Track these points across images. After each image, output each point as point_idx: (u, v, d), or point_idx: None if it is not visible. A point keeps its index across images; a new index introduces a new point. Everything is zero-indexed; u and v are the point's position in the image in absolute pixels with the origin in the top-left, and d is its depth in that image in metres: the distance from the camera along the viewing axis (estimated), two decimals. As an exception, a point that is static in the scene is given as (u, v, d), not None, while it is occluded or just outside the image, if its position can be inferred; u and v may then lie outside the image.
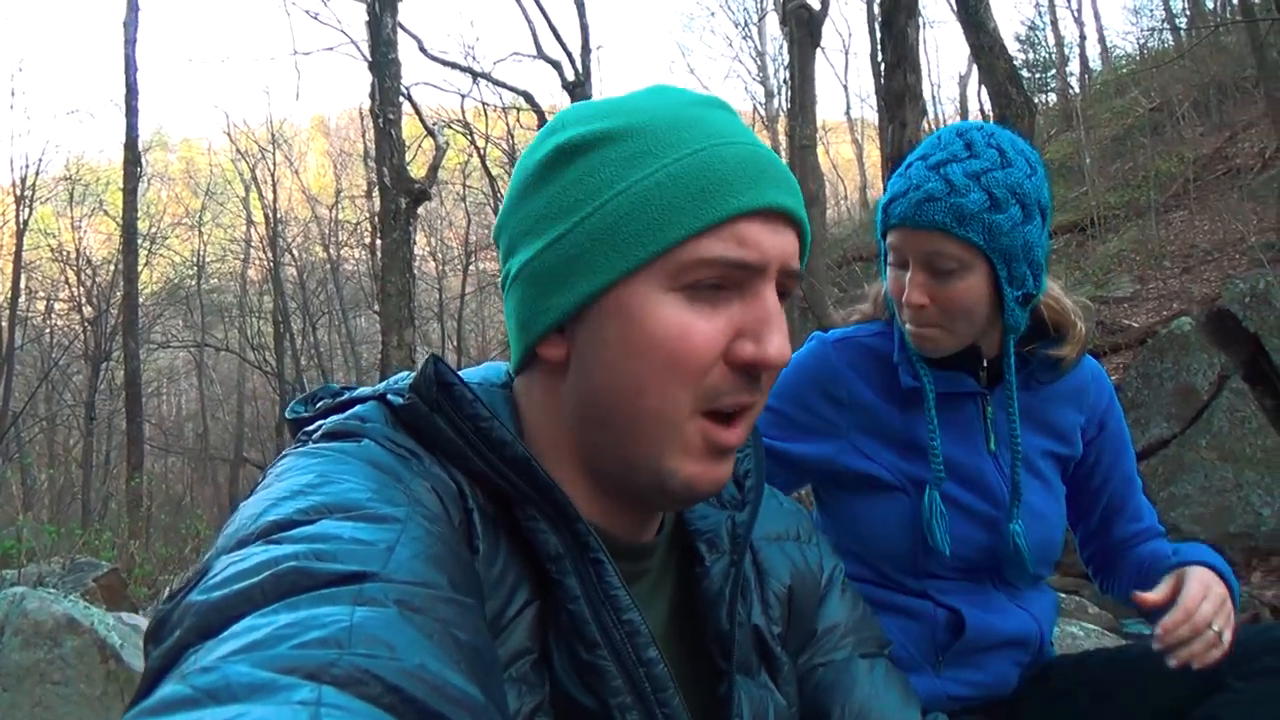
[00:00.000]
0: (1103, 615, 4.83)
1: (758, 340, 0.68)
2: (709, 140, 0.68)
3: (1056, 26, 22.21)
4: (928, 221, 1.22)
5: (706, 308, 0.67)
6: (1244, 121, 12.79)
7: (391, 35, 9.55)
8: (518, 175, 0.75)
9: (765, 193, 0.67)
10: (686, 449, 0.69)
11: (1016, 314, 1.27)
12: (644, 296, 0.67)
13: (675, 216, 0.66)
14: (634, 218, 0.67)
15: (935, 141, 1.30)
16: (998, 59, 5.27)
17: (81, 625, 2.88)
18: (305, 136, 30.53)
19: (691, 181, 0.66)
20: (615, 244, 0.67)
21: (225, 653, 0.42)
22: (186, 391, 27.35)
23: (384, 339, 9.30)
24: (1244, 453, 5.37)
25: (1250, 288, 5.66)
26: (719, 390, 0.68)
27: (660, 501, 0.73)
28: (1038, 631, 1.37)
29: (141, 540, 9.12)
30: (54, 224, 19.68)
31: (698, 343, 0.67)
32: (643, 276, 0.67)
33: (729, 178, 0.67)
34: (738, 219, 0.66)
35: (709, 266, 0.66)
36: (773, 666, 0.82)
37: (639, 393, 0.68)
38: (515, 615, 0.66)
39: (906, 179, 1.27)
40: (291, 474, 0.61)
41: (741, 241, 0.67)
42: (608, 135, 0.70)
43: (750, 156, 0.68)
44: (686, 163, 0.67)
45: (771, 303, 0.69)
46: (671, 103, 0.72)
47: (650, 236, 0.66)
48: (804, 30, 9.59)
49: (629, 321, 0.67)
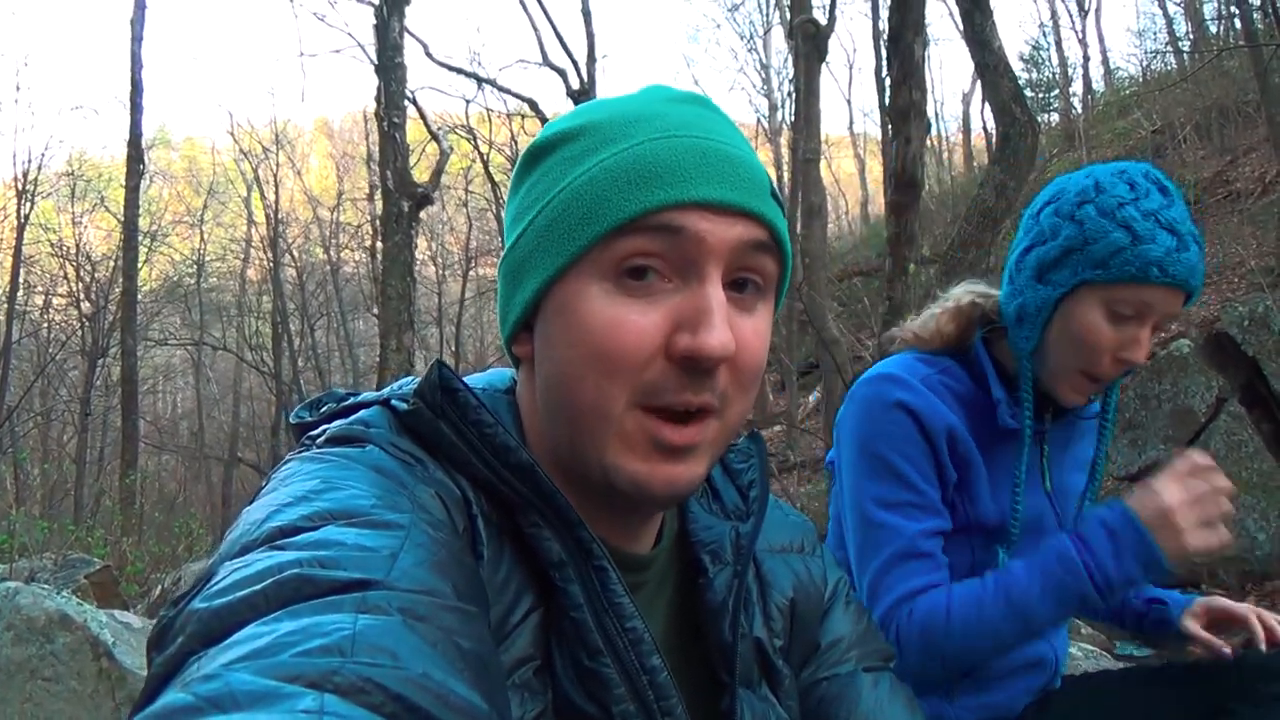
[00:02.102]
0: (1096, 636, 4.83)
1: (694, 331, 0.65)
2: (654, 134, 0.68)
3: (1060, 47, 22.36)
4: (1193, 285, 1.19)
5: (641, 300, 0.66)
6: (1245, 146, 12.84)
7: (398, 39, 9.58)
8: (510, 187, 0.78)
9: (700, 186, 0.65)
10: (628, 445, 0.67)
11: None
12: (580, 289, 0.67)
13: (603, 209, 0.66)
14: (569, 212, 0.67)
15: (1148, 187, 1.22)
16: (1002, 77, 5.28)
17: (74, 622, 2.87)
18: (309, 138, 30.62)
19: (622, 174, 0.66)
20: (554, 239, 0.68)
21: (228, 660, 0.42)
22: (183, 390, 27.31)
23: (382, 342, 9.30)
24: (1240, 476, 5.37)
25: (1249, 311, 5.67)
26: (659, 386, 0.66)
27: (621, 501, 0.71)
28: (1054, 659, 1.36)
29: (134, 538, 9.11)
30: (55, 219, 19.68)
31: (629, 335, 0.65)
32: (578, 270, 0.67)
33: (660, 170, 0.65)
34: (669, 210, 0.65)
35: (645, 257, 0.66)
36: (774, 680, 0.82)
37: (575, 386, 0.67)
38: (519, 622, 0.65)
39: (1173, 234, 1.18)
40: (295, 479, 0.61)
41: (672, 231, 0.65)
42: (567, 134, 0.71)
43: (694, 149, 0.67)
44: (622, 156, 0.67)
45: (712, 294, 0.66)
46: (646, 100, 0.72)
47: (581, 230, 0.66)
48: (810, 45, 9.62)
49: (567, 314, 0.67)
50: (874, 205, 24.37)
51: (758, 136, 24.40)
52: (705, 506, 0.83)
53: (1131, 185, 1.21)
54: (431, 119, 13.45)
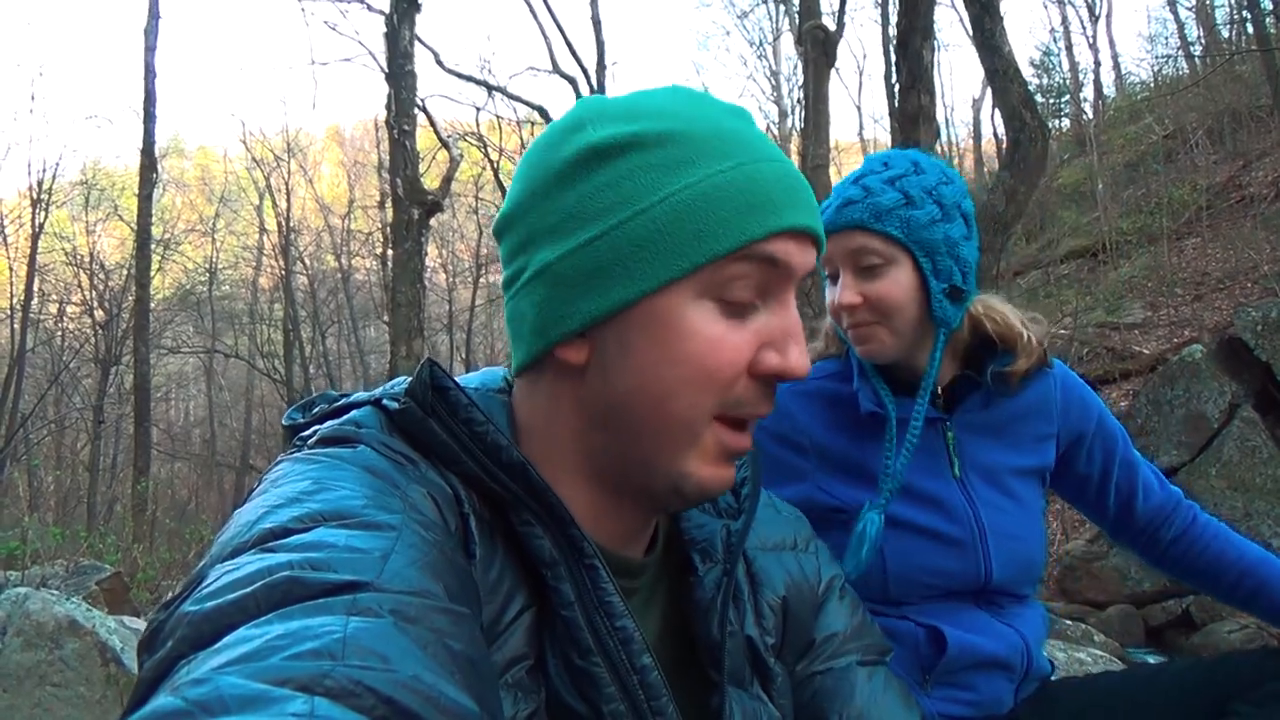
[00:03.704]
0: (1108, 644, 4.80)
1: (782, 352, 0.69)
2: (749, 155, 0.69)
3: (1071, 52, 22.31)
4: (846, 221, 1.29)
5: (736, 320, 0.68)
6: (1258, 150, 12.78)
7: (408, 48, 9.63)
8: (534, 170, 0.72)
9: (801, 213, 0.69)
10: (703, 453, 0.70)
11: (946, 307, 1.29)
12: (679, 305, 0.67)
13: (721, 229, 0.66)
14: (680, 226, 0.66)
15: (859, 166, 1.38)
16: (1012, 83, 5.27)
17: (83, 627, 2.88)
18: (320, 146, 30.80)
19: (738, 195, 0.67)
20: (659, 252, 0.66)
21: (218, 664, 0.41)
22: (195, 397, 27.46)
23: (393, 349, 9.33)
24: (1254, 482, 5.33)
25: (1262, 316, 5.64)
26: (741, 400, 0.70)
27: (671, 502, 0.74)
28: (1023, 649, 1.35)
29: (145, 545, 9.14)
30: (69, 228, 19.84)
31: (728, 354, 0.68)
32: (680, 285, 0.67)
33: (772, 195, 0.68)
34: (775, 236, 0.67)
35: (746, 281, 0.68)
36: (766, 678, 0.82)
37: (667, 399, 0.68)
38: (511, 621, 0.65)
39: (831, 194, 1.34)
40: (287, 480, 0.61)
41: (777, 259, 0.68)
42: (643, 139, 0.68)
43: (785, 175, 0.70)
44: (731, 175, 0.67)
45: (795, 315, 0.70)
46: (702, 110, 0.72)
47: (695, 247, 0.66)
48: (819, 51, 9.62)
49: (663, 329, 0.67)
50: (884, 211, 24.27)
51: (767, 143, 24.36)
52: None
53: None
54: (442, 126, 13.51)
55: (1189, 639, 5.20)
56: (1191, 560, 1.46)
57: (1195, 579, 1.49)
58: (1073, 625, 4.91)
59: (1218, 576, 1.45)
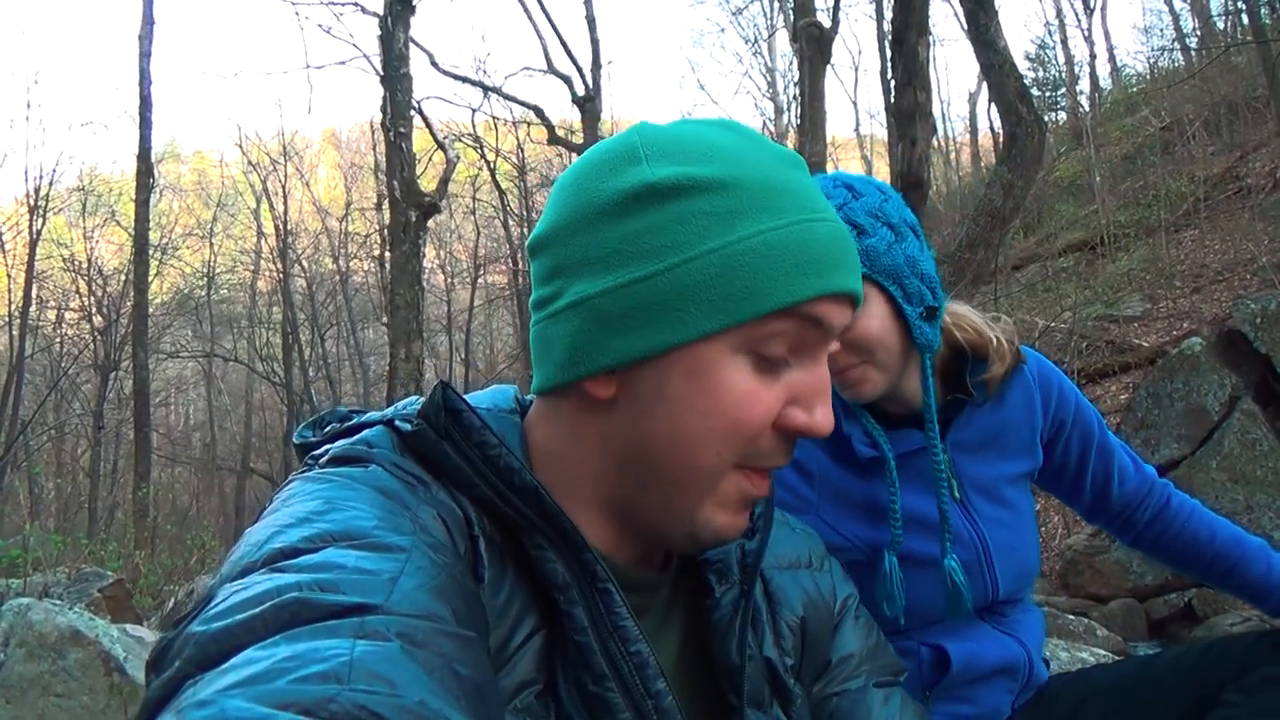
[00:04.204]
0: (1111, 638, 4.80)
1: (810, 410, 0.69)
2: (803, 213, 0.68)
3: (1066, 45, 22.32)
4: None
5: (769, 375, 0.68)
6: (1255, 141, 12.77)
7: (403, 49, 9.62)
8: (581, 195, 0.70)
9: (848, 277, 0.69)
10: (723, 502, 0.71)
11: (925, 331, 1.24)
12: (717, 357, 0.67)
13: (770, 287, 0.65)
14: (728, 280, 0.65)
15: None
16: (1008, 77, 5.27)
17: (86, 637, 2.88)
18: (316, 149, 30.72)
19: (788, 254, 0.66)
20: (704, 302, 0.65)
21: (223, 686, 0.41)
22: (195, 402, 27.43)
23: (392, 351, 9.32)
24: (1255, 475, 5.33)
25: (1261, 308, 5.63)
26: (763, 453, 0.70)
27: (684, 546, 0.74)
28: (1025, 657, 1.34)
29: (147, 550, 9.14)
30: (66, 234, 19.84)
31: (759, 411, 0.68)
32: (721, 337, 0.66)
33: (822, 257, 0.67)
34: (820, 301, 0.67)
35: (784, 339, 0.68)
36: (785, 699, 0.81)
37: (693, 448, 0.68)
38: (520, 645, 0.65)
39: None
40: (298, 500, 0.61)
41: (819, 320, 0.68)
42: (701, 183, 0.67)
43: (838, 236, 0.69)
44: (785, 234, 0.66)
45: (826, 373, 0.70)
46: (761, 157, 0.70)
47: (743, 303, 0.65)
48: (814, 47, 9.61)
49: (698, 379, 0.67)
50: (881, 207, 24.24)
51: (764, 140, 24.34)
52: None
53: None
54: (438, 128, 13.49)
55: (1191, 632, 5.19)
56: (1167, 542, 1.47)
57: (1170, 560, 1.49)
58: (1075, 620, 4.91)
59: (1192, 557, 1.45)
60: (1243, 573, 1.40)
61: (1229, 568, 1.41)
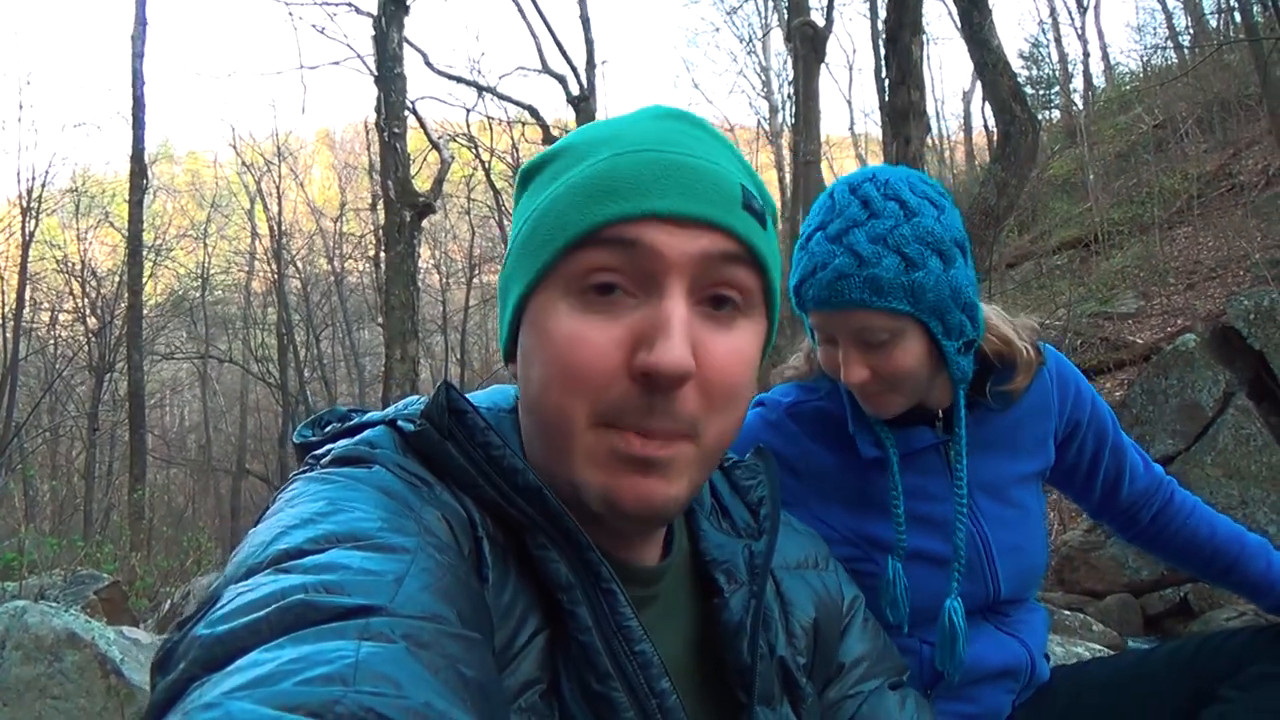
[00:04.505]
0: (1106, 633, 4.81)
1: (650, 347, 0.63)
2: (617, 150, 0.68)
3: (1060, 43, 22.32)
4: (845, 301, 1.15)
5: (603, 316, 0.65)
6: (1247, 139, 12.81)
7: (397, 50, 9.60)
8: None
9: (656, 198, 0.65)
10: (593, 460, 0.67)
11: (961, 364, 1.21)
12: (545, 305, 0.68)
13: (563, 224, 0.66)
14: (538, 230, 0.68)
15: (829, 206, 1.21)
16: (1001, 76, 5.28)
17: (82, 640, 2.88)
18: (311, 149, 30.68)
19: (581, 190, 0.67)
20: (526, 257, 0.69)
21: (229, 688, 0.41)
22: (190, 403, 27.37)
23: (387, 351, 9.31)
24: (1249, 469, 5.35)
25: (1255, 304, 5.66)
26: (620, 408, 0.65)
27: (600, 516, 0.68)
28: (1028, 659, 1.34)
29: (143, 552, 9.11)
30: (59, 236, 19.75)
31: (587, 350, 0.65)
32: (547, 287, 0.68)
33: (617, 184, 0.65)
34: (623, 223, 0.64)
35: (607, 272, 0.65)
36: (796, 698, 0.81)
37: (546, 403, 0.68)
38: (524, 645, 0.65)
39: (811, 256, 1.19)
40: (301, 500, 0.61)
41: (627, 245, 0.64)
42: (550, 156, 0.73)
43: (654, 162, 0.66)
44: (585, 172, 0.67)
45: (671, 308, 0.64)
46: (630, 118, 0.72)
47: (546, 246, 0.67)
48: (808, 46, 9.62)
49: (537, 330, 0.68)
50: (876, 205, 24.22)
51: (759, 139, 24.41)
52: (715, 525, 0.82)
53: (822, 208, 1.22)
54: (432, 128, 13.46)
55: (1187, 627, 5.21)
56: (1168, 538, 1.47)
57: (1171, 556, 1.49)
58: (1071, 615, 4.93)
59: (1192, 554, 1.46)
60: (1242, 569, 1.41)
61: (1229, 564, 1.41)
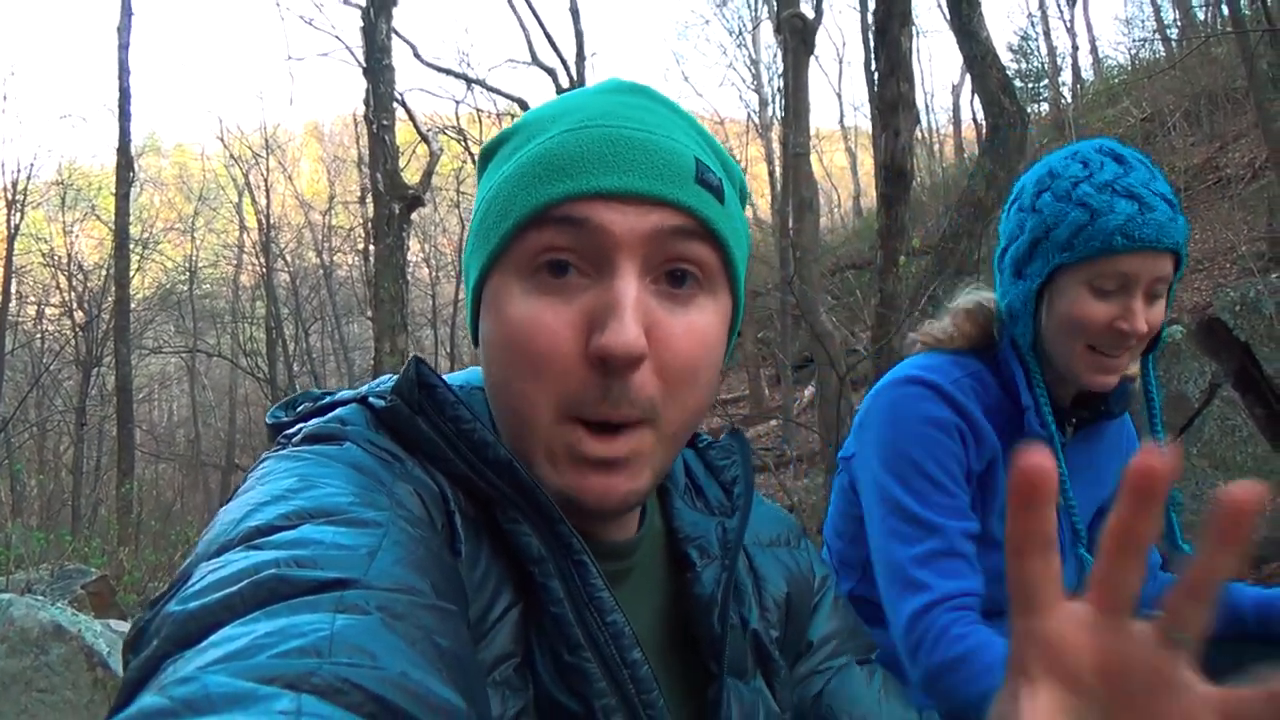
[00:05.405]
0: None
1: (603, 329, 0.62)
2: (567, 126, 0.66)
3: (1049, 36, 22.41)
4: (1170, 244, 1.16)
5: (556, 298, 0.64)
6: (1234, 131, 12.86)
7: (386, 41, 9.55)
8: None
9: (603, 175, 0.63)
10: (551, 457, 0.66)
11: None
12: (499, 288, 0.67)
13: (512, 205, 0.65)
14: (490, 211, 0.68)
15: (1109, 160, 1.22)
16: (990, 68, 5.28)
17: (68, 632, 2.87)
18: (299, 142, 30.53)
19: (530, 169, 0.66)
20: (480, 239, 0.69)
21: (204, 663, 0.41)
22: (178, 397, 27.24)
23: (377, 345, 9.28)
24: (1235, 460, 5.38)
25: (1241, 296, 5.69)
26: (579, 397, 0.64)
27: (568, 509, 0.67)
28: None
29: (131, 547, 9.09)
30: (45, 229, 19.60)
31: (542, 334, 0.63)
32: (501, 269, 0.67)
33: (564, 162, 0.64)
34: (571, 201, 0.63)
35: (558, 252, 0.64)
36: (769, 670, 0.81)
37: (501, 389, 0.68)
38: (498, 619, 0.65)
39: (1134, 201, 1.17)
40: (273, 477, 0.60)
41: (576, 223, 0.63)
42: (506, 136, 0.72)
43: (603, 139, 0.65)
44: (534, 151, 0.66)
45: (621, 287, 0.63)
46: (585, 93, 0.71)
47: (497, 227, 0.67)
48: (798, 39, 9.61)
49: (493, 313, 0.67)
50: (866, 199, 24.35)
51: (748, 131, 24.37)
52: (690, 503, 0.83)
53: (1085, 163, 1.22)
54: (421, 120, 13.42)
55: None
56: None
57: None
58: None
59: None
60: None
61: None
